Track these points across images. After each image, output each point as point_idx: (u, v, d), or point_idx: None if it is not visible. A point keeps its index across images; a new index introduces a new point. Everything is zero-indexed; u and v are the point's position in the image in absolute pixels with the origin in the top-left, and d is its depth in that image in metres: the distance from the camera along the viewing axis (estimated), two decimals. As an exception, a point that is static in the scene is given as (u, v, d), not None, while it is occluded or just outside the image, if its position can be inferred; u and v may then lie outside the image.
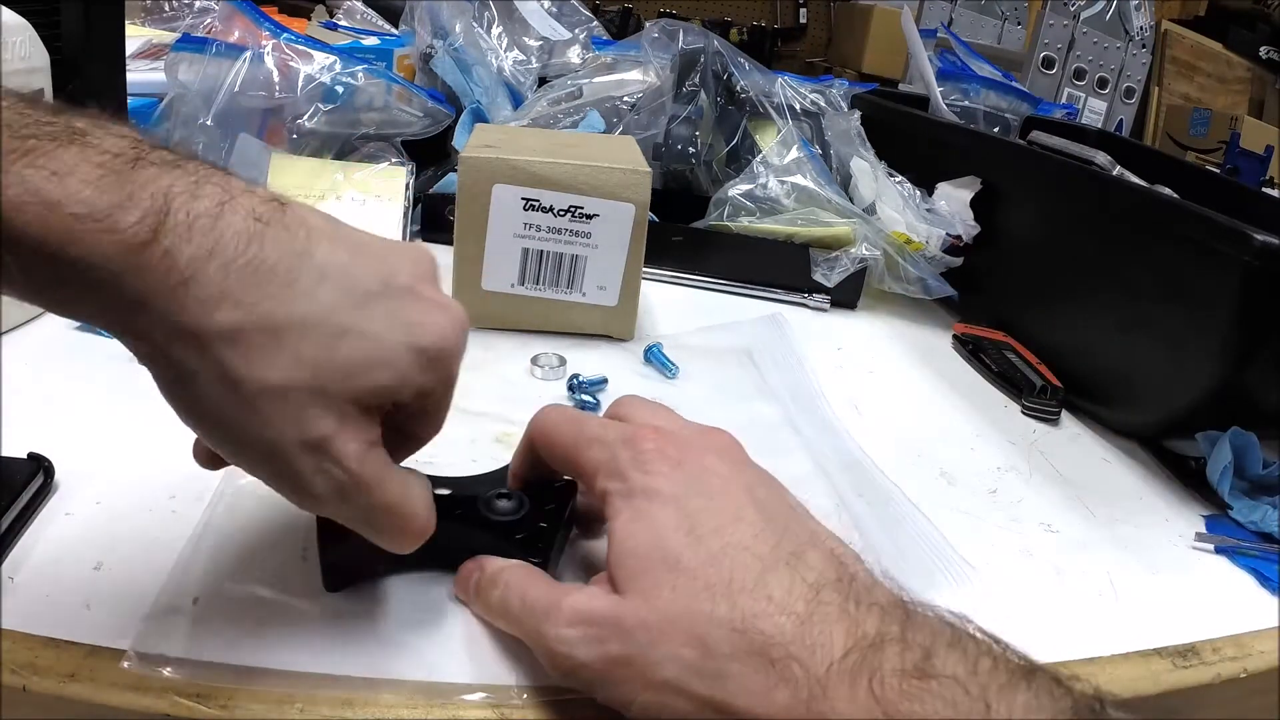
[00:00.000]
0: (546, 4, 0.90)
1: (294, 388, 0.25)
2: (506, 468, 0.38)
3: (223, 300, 0.23)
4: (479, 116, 0.77)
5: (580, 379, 0.50)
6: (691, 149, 0.80)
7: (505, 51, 0.83)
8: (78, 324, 0.51)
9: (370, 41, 0.95)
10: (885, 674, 0.24)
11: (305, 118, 0.69)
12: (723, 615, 0.26)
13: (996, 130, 0.92)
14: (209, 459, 0.31)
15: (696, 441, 0.32)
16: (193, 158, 0.25)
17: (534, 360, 0.52)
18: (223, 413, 0.25)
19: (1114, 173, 0.69)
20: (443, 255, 0.62)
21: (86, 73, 0.53)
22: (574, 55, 0.85)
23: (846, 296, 0.70)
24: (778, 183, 0.71)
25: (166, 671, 0.28)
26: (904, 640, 0.25)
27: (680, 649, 0.26)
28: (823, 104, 0.80)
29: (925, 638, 0.25)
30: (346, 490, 0.27)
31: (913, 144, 0.78)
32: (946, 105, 0.90)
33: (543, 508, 0.35)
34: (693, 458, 0.30)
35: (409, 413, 0.30)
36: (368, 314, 0.26)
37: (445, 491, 0.35)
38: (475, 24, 0.83)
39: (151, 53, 0.78)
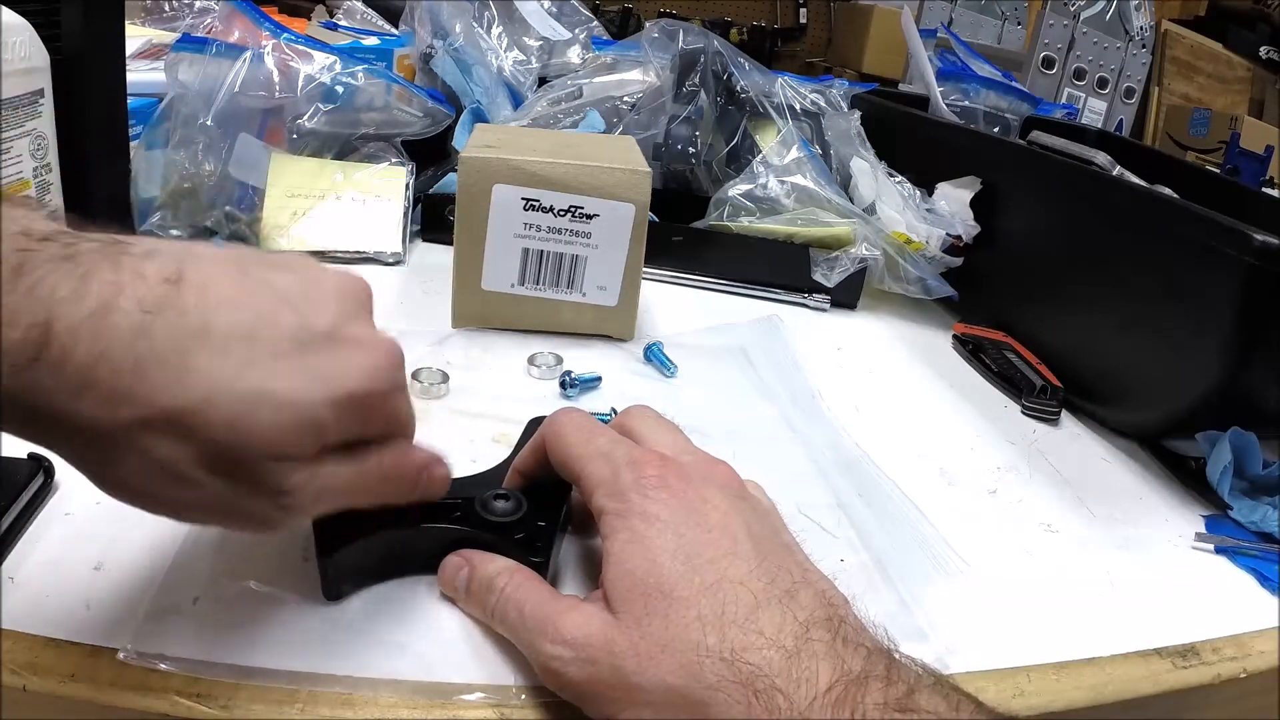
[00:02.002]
0: (546, 4, 0.90)
1: (218, 465, 0.25)
2: (500, 467, 0.38)
3: (120, 401, 0.23)
4: (479, 116, 0.77)
5: (572, 376, 0.50)
6: (691, 149, 0.80)
7: (505, 51, 0.83)
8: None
9: (370, 41, 0.95)
10: (868, 707, 0.24)
11: (305, 118, 0.69)
12: (712, 646, 0.26)
13: (996, 130, 0.92)
14: None
15: (698, 472, 0.32)
16: (86, 238, 0.24)
17: (531, 360, 0.52)
18: (161, 491, 0.25)
19: (1114, 173, 0.69)
20: (443, 255, 0.63)
21: (86, 73, 0.53)
22: (574, 55, 0.85)
23: (846, 296, 0.70)
24: (778, 183, 0.71)
25: (164, 666, 0.29)
26: (888, 678, 0.25)
27: (667, 675, 0.26)
28: (823, 104, 0.80)
29: (909, 678, 0.26)
30: (305, 511, 0.28)
31: (913, 144, 0.78)
32: (946, 105, 0.90)
33: (539, 507, 0.35)
34: (694, 489, 0.31)
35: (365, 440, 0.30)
36: (277, 374, 0.25)
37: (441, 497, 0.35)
38: (475, 24, 0.83)
39: (151, 53, 0.78)
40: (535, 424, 0.41)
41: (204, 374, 0.24)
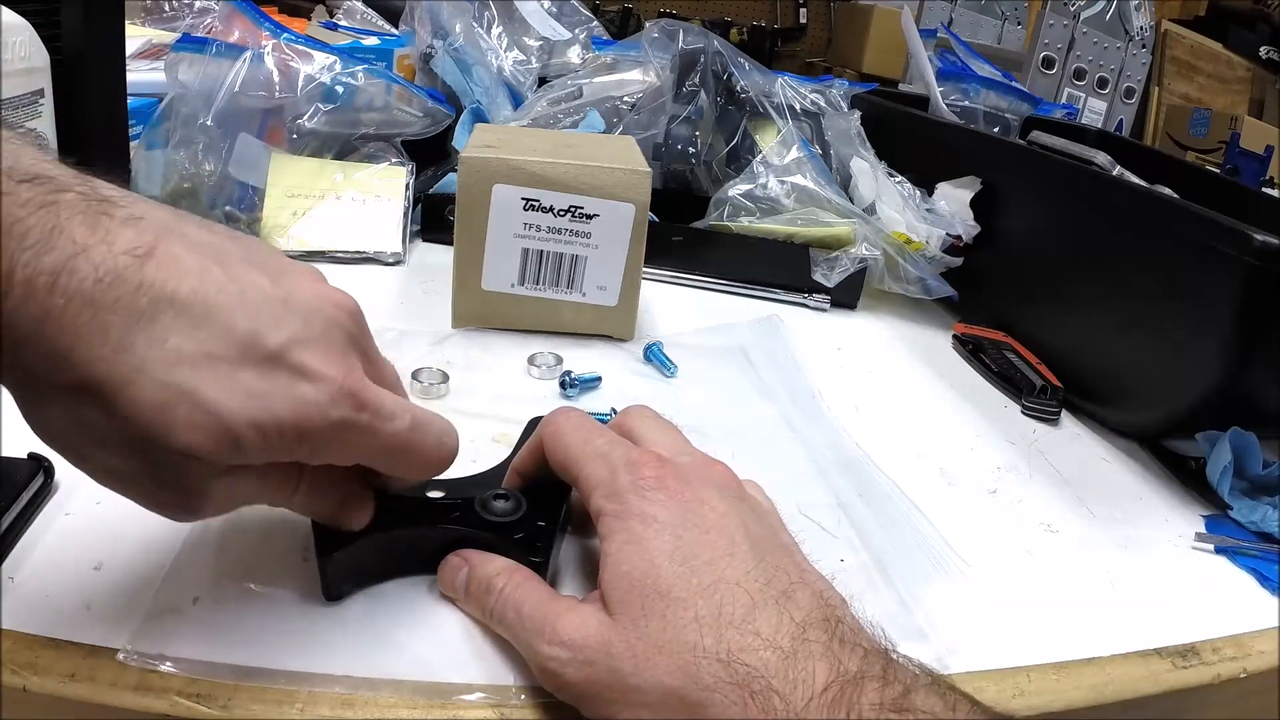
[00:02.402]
0: (546, 4, 0.90)
1: (135, 444, 0.25)
2: (500, 467, 0.38)
3: (58, 363, 0.23)
4: (479, 116, 0.77)
5: (572, 376, 0.50)
6: (691, 149, 0.80)
7: (505, 51, 0.83)
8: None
9: (370, 41, 0.95)
10: (863, 707, 0.24)
11: (305, 118, 0.69)
12: (709, 647, 0.26)
13: (996, 130, 0.92)
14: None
15: (696, 473, 0.32)
16: (73, 187, 0.24)
17: (531, 360, 0.52)
18: (82, 448, 0.25)
19: (1114, 173, 0.69)
20: (443, 255, 0.63)
21: (86, 73, 0.53)
22: (574, 55, 0.85)
23: (846, 296, 0.70)
24: (778, 183, 0.71)
25: (164, 667, 0.29)
26: (884, 678, 0.25)
27: (664, 677, 0.26)
28: (823, 104, 0.80)
29: (905, 678, 0.26)
30: (213, 514, 0.28)
31: (913, 144, 0.78)
32: (946, 105, 0.90)
33: (539, 507, 0.35)
34: (691, 490, 0.31)
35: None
36: (208, 377, 0.24)
37: (439, 494, 0.35)
38: (475, 24, 0.83)
39: (151, 53, 0.78)
40: (535, 424, 0.41)
41: (137, 354, 0.23)
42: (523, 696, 0.30)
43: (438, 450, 0.32)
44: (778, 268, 0.69)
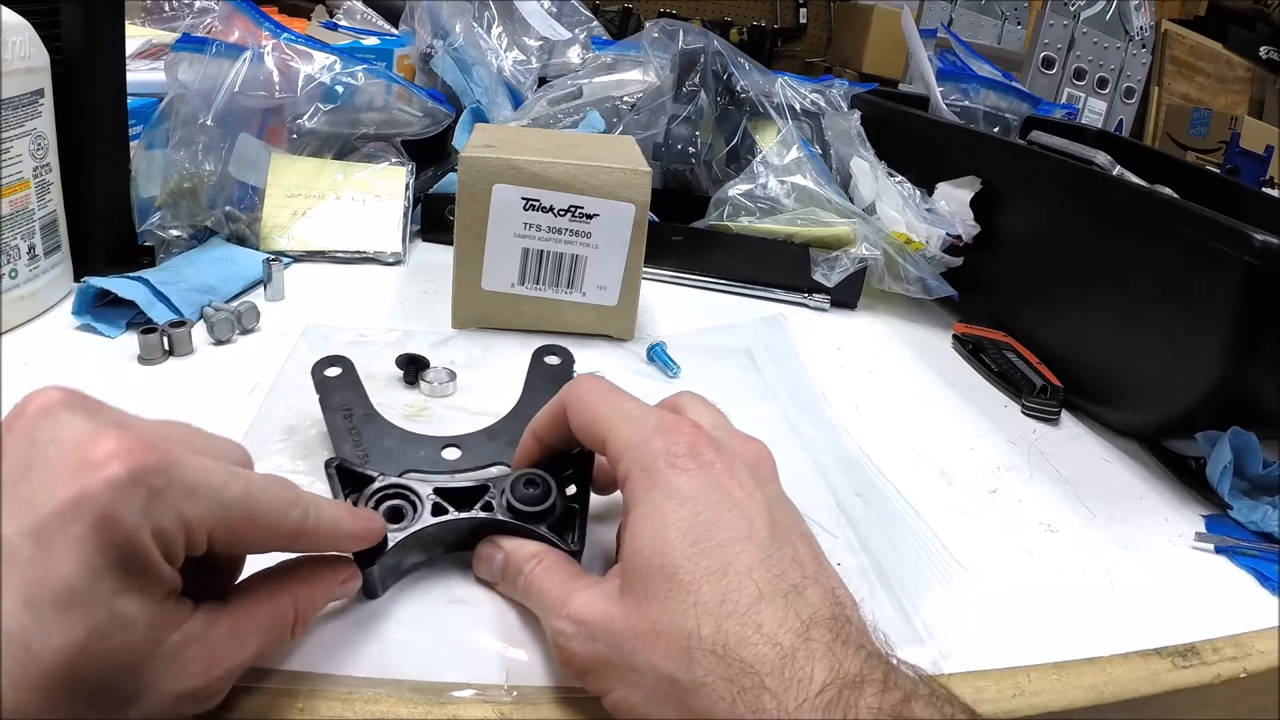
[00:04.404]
0: (546, 4, 0.90)
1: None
2: (509, 420, 0.38)
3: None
4: (479, 116, 0.77)
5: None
6: (691, 149, 0.80)
7: (505, 51, 0.83)
8: (78, 324, 0.51)
9: (370, 41, 0.95)
10: (861, 710, 0.24)
11: (305, 118, 0.69)
12: (706, 635, 0.26)
13: (996, 130, 0.92)
14: None
15: (730, 447, 0.31)
16: None
17: (534, 360, 0.52)
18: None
19: (1114, 173, 0.69)
20: (443, 255, 0.63)
21: (86, 73, 0.53)
22: (574, 55, 0.85)
23: (846, 296, 0.70)
24: (778, 183, 0.71)
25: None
26: (884, 684, 0.25)
27: (659, 661, 0.26)
28: (823, 104, 0.80)
29: (906, 685, 0.25)
30: (215, 681, 0.26)
31: (913, 144, 0.78)
32: (946, 105, 0.90)
33: (564, 485, 0.35)
34: (723, 462, 0.30)
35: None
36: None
37: (468, 484, 0.35)
38: (475, 24, 0.83)
39: (151, 53, 0.78)
40: (538, 360, 0.46)
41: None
42: (514, 694, 0.30)
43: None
44: (778, 268, 0.69)
